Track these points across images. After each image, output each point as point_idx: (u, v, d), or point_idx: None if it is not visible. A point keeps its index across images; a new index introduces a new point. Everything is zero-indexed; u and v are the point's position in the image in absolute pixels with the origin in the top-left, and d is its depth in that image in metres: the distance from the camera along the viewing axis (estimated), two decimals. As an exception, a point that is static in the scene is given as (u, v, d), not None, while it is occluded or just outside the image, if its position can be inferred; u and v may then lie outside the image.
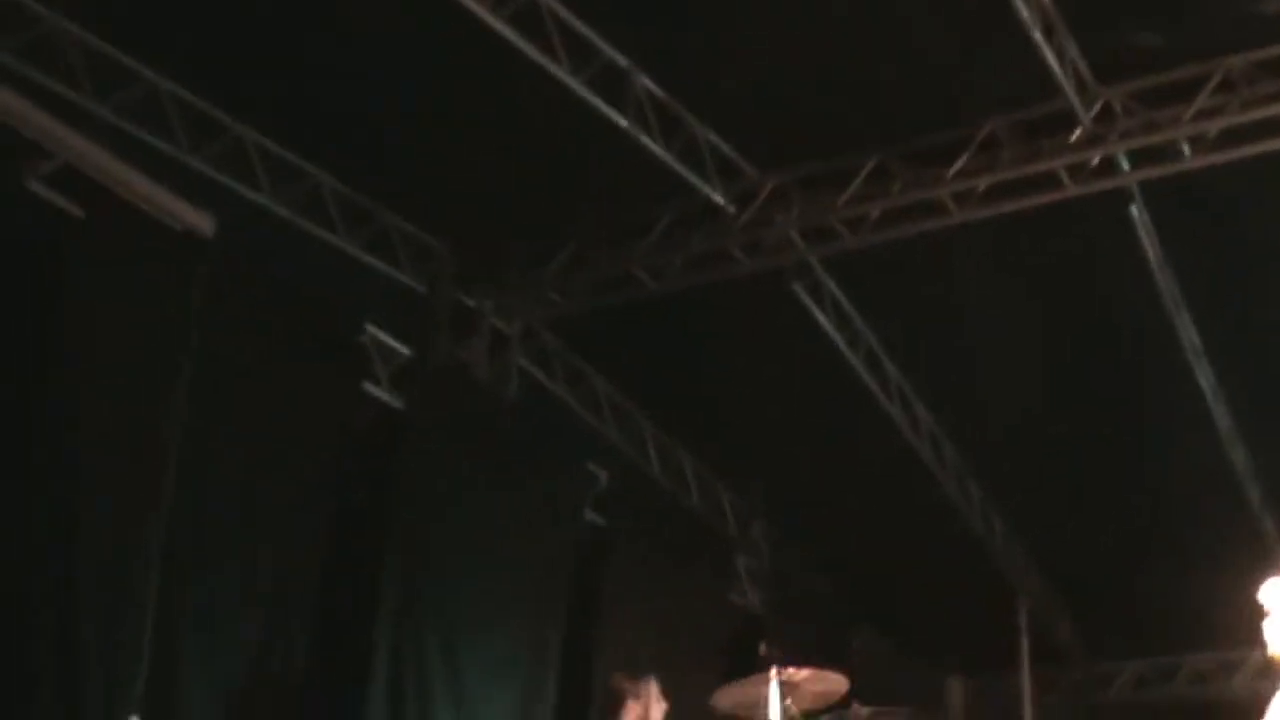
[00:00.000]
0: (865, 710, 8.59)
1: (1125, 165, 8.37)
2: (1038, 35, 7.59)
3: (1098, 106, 8.32)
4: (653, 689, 8.24)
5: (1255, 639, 12.69)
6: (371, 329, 8.83)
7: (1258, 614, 6.64)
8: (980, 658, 14.52)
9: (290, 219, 8.47)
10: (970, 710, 15.38)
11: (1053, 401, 10.53)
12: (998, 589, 12.91)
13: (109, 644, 6.80)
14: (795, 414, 10.74)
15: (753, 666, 7.94)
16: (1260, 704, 11.75)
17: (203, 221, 7.41)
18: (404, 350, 9.03)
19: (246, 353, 7.77)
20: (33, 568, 6.66)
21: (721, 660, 11.01)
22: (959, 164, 8.60)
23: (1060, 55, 7.88)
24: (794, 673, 7.80)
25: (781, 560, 12.71)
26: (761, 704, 7.67)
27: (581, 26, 7.99)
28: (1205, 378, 9.84)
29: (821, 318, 9.73)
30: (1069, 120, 8.32)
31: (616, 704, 8.29)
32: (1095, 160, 8.40)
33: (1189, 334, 9.50)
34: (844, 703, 8.46)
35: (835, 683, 8.06)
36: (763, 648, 7.75)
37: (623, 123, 8.30)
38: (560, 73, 7.91)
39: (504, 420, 9.72)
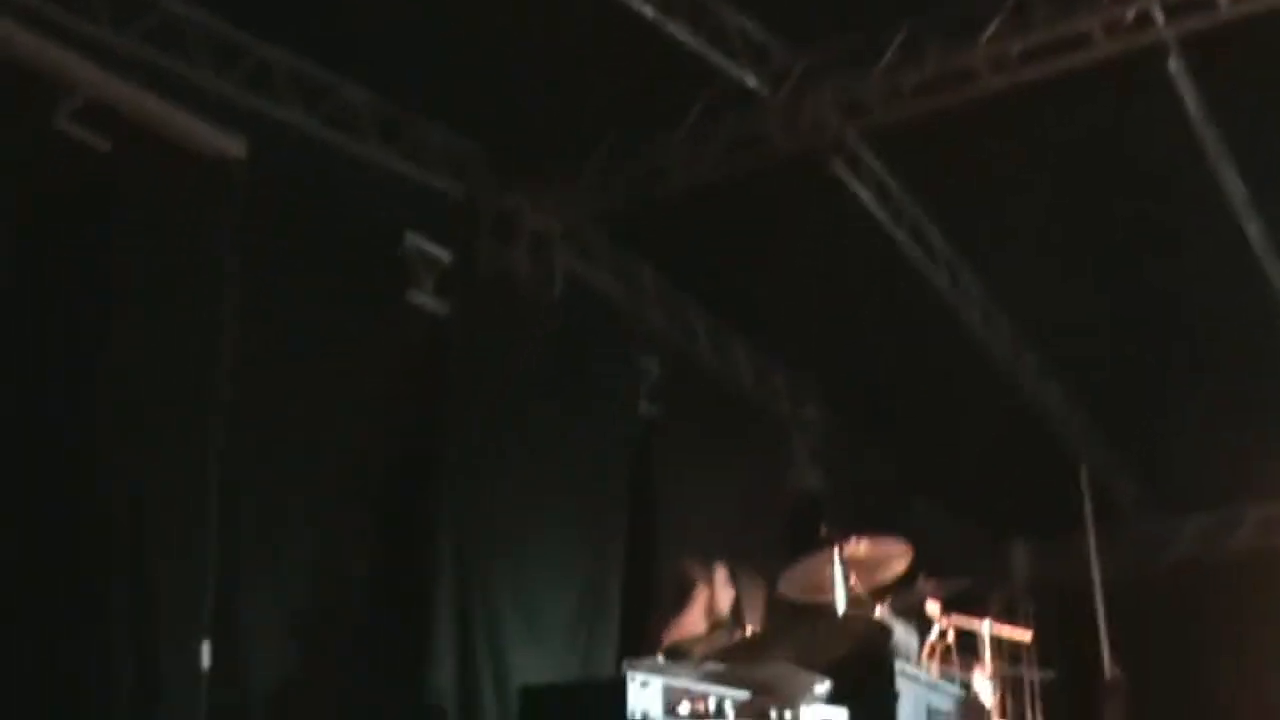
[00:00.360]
0: (930, 583, 8.62)
1: (1161, 19, 8.22)
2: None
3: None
4: (721, 575, 8.27)
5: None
6: (411, 237, 8.79)
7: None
8: (1042, 522, 14.59)
9: (323, 135, 8.40)
10: (1035, 573, 15.44)
11: (1101, 264, 10.42)
12: (1056, 453, 12.94)
13: (176, 570, 6.89)
14: (843, 293, 10.68)
15: (813, 548, 7.95)
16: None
17: (234, 146, 7.37)
18: (445, 257, 8.99)
19: (288, 273, 7.76)
20: (101, 498, 6.75)
21: (782, 545, 11.04)
22: (991, 29, 8.46)
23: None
24: (856, 547, 7.80)
25: (838, 440, 12.72)
26: (826, 585, 7.68)
27: (600, -80, 7.89)
28: (1254, 229, 9.72)
29: (863, 193, 9.65)
30: (1101, -22, 8.19)
31: (685, 591, 8.33)
32: (1130, 15, 8.24)
33: (1235, 187, 9.37)
34: (909, 577, 8.48)
35: (899, 552, 8.06)
36: (823, 528, 7.75)
37: (649, 13, 8.20)
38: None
39: (551, 320, 9.70)
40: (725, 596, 8.20)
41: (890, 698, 6.50)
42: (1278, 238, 9.98)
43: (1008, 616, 14.58)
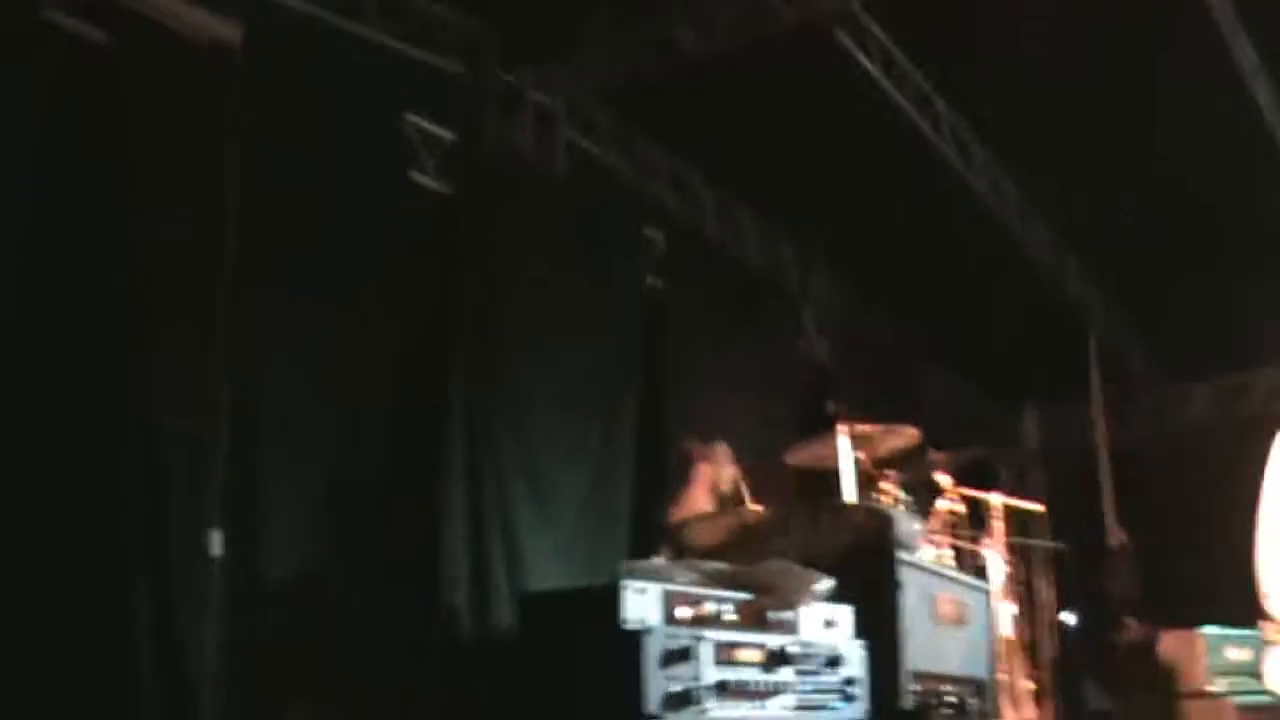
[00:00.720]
0: (940, 455, 8.64)
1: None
2: None
3: None
4: (722, 453, 8.30)
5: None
6: (413, 118, 8.71)
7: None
8: (1054, 387, 14.63)
9: (320, 15, 8.28)
10: (1046, 438, 15.50)
11: (1109, 130, 10.30)
12: (1066, 319, 12.95)
13: (189, 458, 6.88)
14: (850, 163, 10.57)
15: (822, 425, 7.97)
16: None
17: (230, 31, 7.27)
18: (448, 136, 8.92)
19: (290, 158, 7.63)
20: (112, 387, 6.74)
21: (793, 416, 11.07)
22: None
23: None
24: (864, 428, 7.83)
25: (847, 310, 12.71)
26: (833, 457, 7.71)
27: None
28: (1264, 98, 9.62)
29: (867, 63, 9.55)
30: None
31: (687, 468, 8.38)
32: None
33: (1245, 54, 9.26)
34: (919, 450, 8.50)
35: (908, 435, 8.09)
36: (830, 405, 7.75)
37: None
38: None
39: (556, 195, 9.64)
40: (727, 474, 8.23)
41: (893, 588, 6.48)
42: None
43: (1018, 482, 14.73)
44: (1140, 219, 11.43)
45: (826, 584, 5.84)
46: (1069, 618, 14.19)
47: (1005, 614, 8.61)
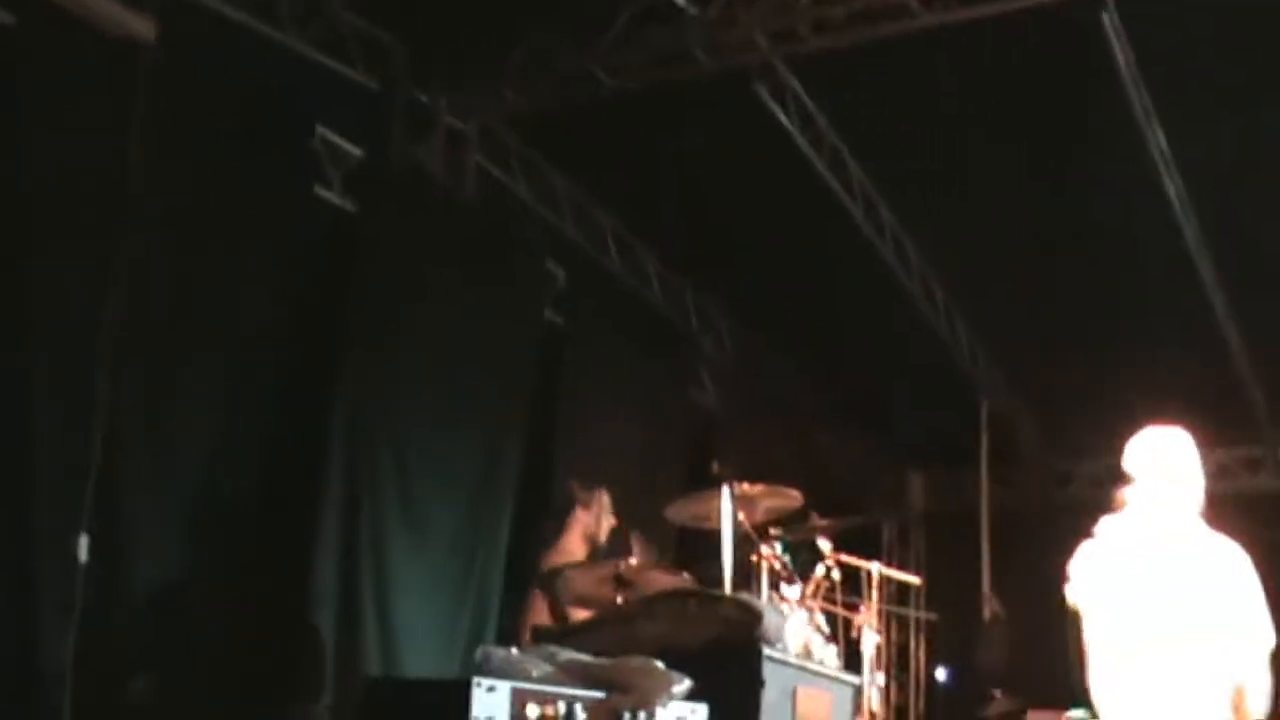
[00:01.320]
0: (822, 521, 8.60)
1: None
2: None
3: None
4: (603, 501, 8.23)
5: (1213, 440, 12.81)
6: (323, 131, 8.58)
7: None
8: (943, 454, 14.70)
9: (237, 19, 8.12)
10: (930, 504, 15.57)
11: (1018, 206, 10.36)
12: (961, 389, 13.00)
13: (58, 462, 6.68)
14: (758, 213, 10.59)
15: (706, 481, 7.91)
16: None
17: (144, 26, 7.10)
18: (356, 152, 8.78)
19: (194, 161, 7.49)
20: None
21: (680, 464, 11.03)
22: (924, -36, 8.35)
23: None
24: (748, 489, 7.77)
25: (743, 359, 12.68)
26: (715, 517, 7.65)
27: None
28: (1174, 187, 9.69)
29: (784, 119, 9.53)
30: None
31: (567, 512, 8.30)
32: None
33: (1158, 142, 9.32)
34: (802, 514, 8.46)
35: (789, 498, 8.05)
36: (715, 466, 7.69)
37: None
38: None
39: (461, 220, 9.51)
40: (605, 523, 8.17)
41: (756, 686, 6.34)
42: (1195, 199, 9.95)
43: (900, 544, 14.78)
44: (1040, 303, 11.52)
45: (684, 686, 5.71)
46: (941, 674, 14.27)
47: (874, 687, 8.56)
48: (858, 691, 7.68)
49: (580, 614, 7.69)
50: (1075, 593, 5.84)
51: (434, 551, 8.73)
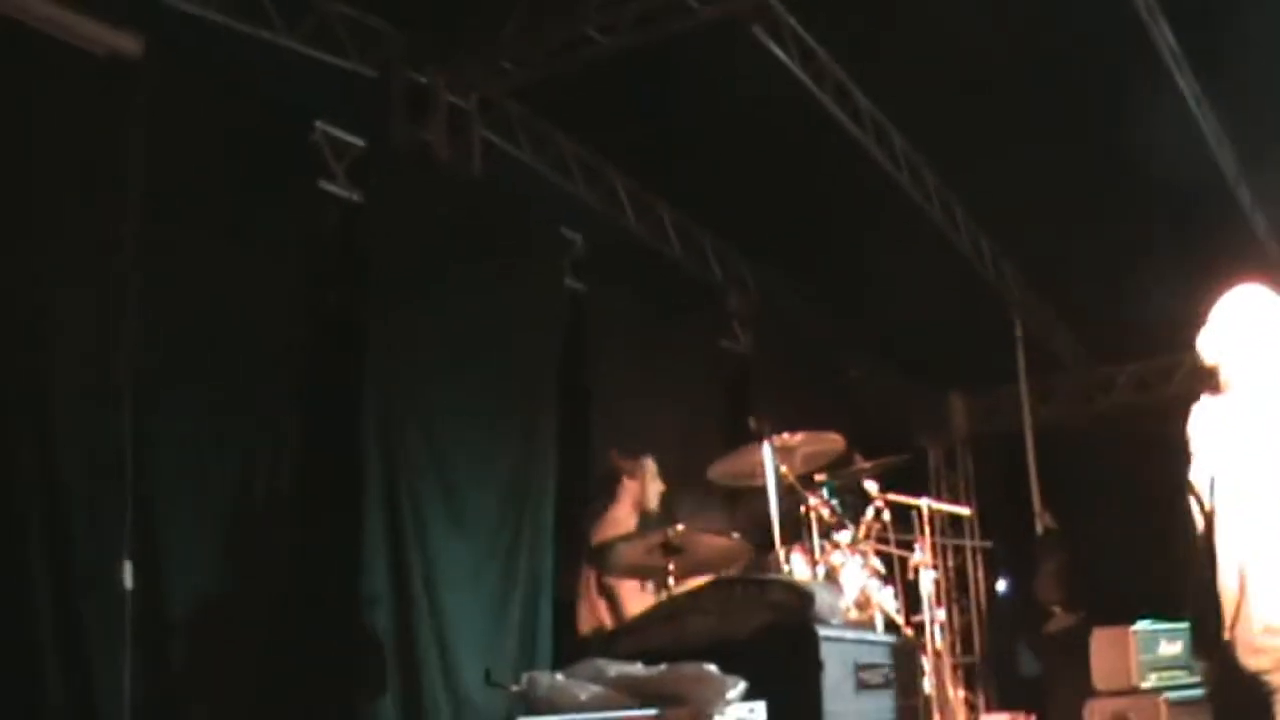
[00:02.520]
0: (866, 463, 8.53)
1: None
2: None
3: None
4: (649, 468, 8.18)
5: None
6: (322, 125, 8.48)
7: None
8: (980, 374, 14.60)
9: (227, 24, 8.04)
10: (973, 424, 15.47)
11: (1030, 117, 10.18)
12: (992, 306, 12.89)
13: (93, 487, 6.66)
14: (770, 156, 10.45)
15: (744, 438, 7.86)
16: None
17: (129, 43, 7.03)
18: (358, 142, 8.68)
19: (195, 170, 7.42)
20: (9, 419, 6.49)
21: (718, 421, 10.93)
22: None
23: None
24: (788, 438, 7.71)
25: (771, 301, 12.59)
26: (758, 473, 7.59)
27: None
28: (1187, 83, 9.54)
29: (784, 57, 9.40)
30: None
31: (613, 483, 8.24)
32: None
33: (1166, 40, 9.18)
34: (845, 457, 8.40)
35: (831, 442, 7.99)
36: (752, 422, 7.62)
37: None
38: None
39: (471, 197, 9.42)
40: (653, 490, 8.10)
41: (814, 670, 6.22)
42: (1211, 94, 9.81)
43: (947, 471, 14.71)
44: (1063, 212, 11.37)
45: (739, 689, 5.61)
46: (1001, 585, 14.24)
47: (935, 625, 8.49)
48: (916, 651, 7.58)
49: (632, 590, 7.65)
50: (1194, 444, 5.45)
51: (479, 537, 8.68)
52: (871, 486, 8.44)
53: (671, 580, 6.90)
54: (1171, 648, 9.72)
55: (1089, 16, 9.12)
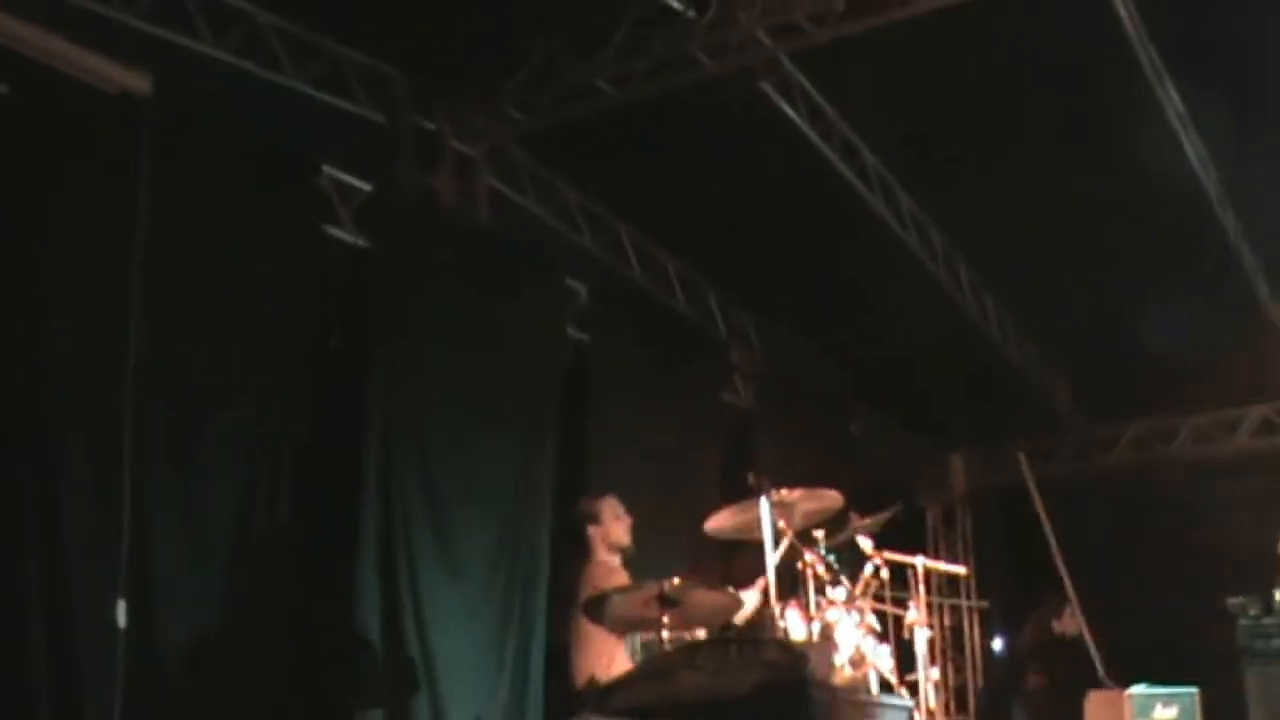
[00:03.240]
0: (862, 519, 8.52)
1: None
2: None
3: None
4: (608, 507, 8.13)
5: (1253, 397, 12.76)
6: (329, 169, 8.50)
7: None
8: (982, 432, 14.61)
9: (234, 64, 8.10)
10: (972, 481, 15.46)
11: (1033, 172, 10.23)
12: (994, 365, 12.90)
13: (89, 525, 6.65)
14: (776, 212, 10.54)
15: (743, 492, 7.85)
16: (1263, 458, 11.72)
17: (138, 81, 7.07)
18: (365, 187, 8.70)
19: (201, 210, 7.43)
20: (7, 451, 6.48)
21: (718, 473, 10.92)
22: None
23: None
24: (786, 494, 7.71)
25: (774, 358, 12.60)
26: (755, 528, 7.59)
27: None
28: (1190, 144, 9.61)
29: (793, 114, 9.46)
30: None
31: (581, 530, 8.20)
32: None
33: (1173, 104, 9.24)
34: (841, 513, 8.39)
35: (830, 499, 7.99)
36: (751, 478, 7.63)
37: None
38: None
39: (476, 245, 9.45)
40: (620, 527, 8.08)
41: None
42: (1213, 148, 9.85)
43: (945, 529, 14.69)
44: (1065, 268, 11.42)
45: None
46: (997, 643, 14.20)
47: (929, 684, 8.47)
48: (910, 714, 7.53)
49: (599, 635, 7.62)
50: None
51: (473, 581, 8.66)
52: (865, 544, 8.42)
53: (665, 634, 6.87)
54: (1167, 712, 9.71)
55: (1092, 78, 9.19)
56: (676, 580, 6.84)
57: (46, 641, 6.40)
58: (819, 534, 8.13)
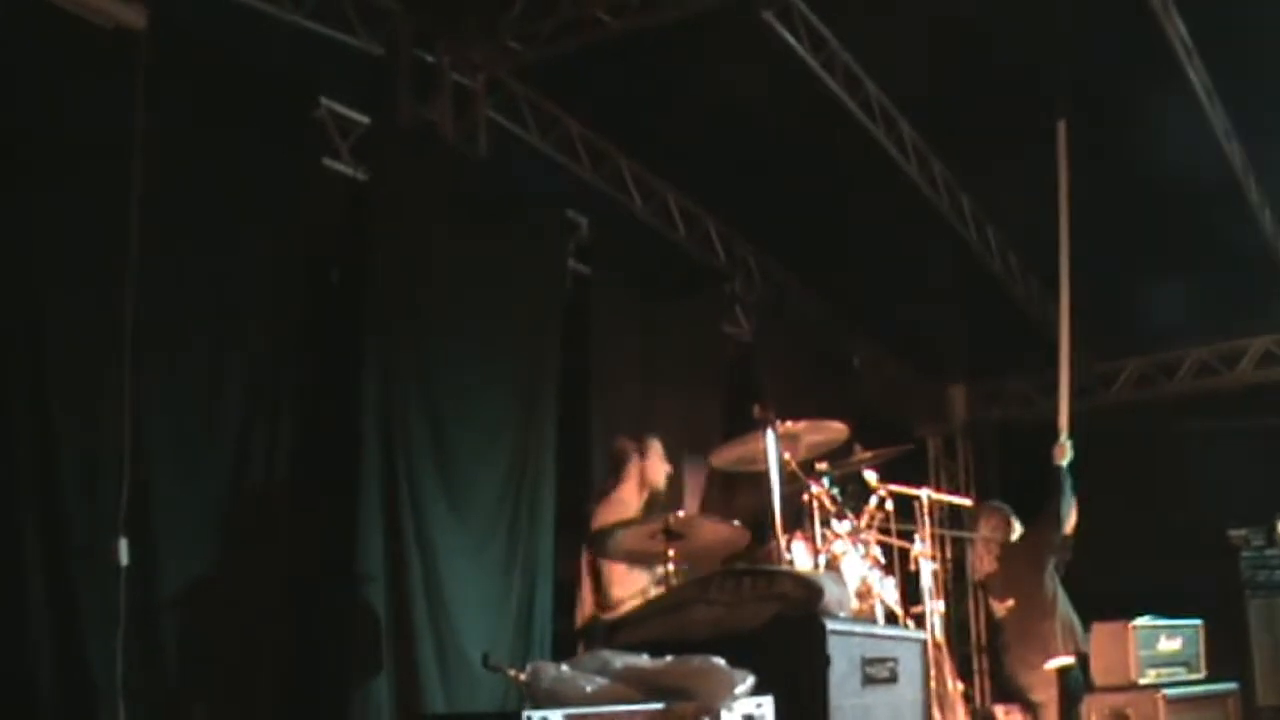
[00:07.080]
0: (866, 452, 8.49)
1: None
2: None
3: None
4: (656, 448, 8.14)
5: (1254, 329, 12.71)
6: (327, 102, 8.42)
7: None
8: (982, 365, 14.57)
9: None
10: (973, 414, 15.43)
11: (1038, 104, 10.13)
12: (995, 298, 12.84)
13: (87, 466, 6.60)
14: (777, 140, 10.42)
15: (748, 425, 7.81)
16: (1265, 390, 11.68)
17: (134, 15, 6.96)
18: (364, 120, 8.62)
19: (198, 144, 7.35)
20: (5, 395, 6.43)
21: (720, 406, 10.89)
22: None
23: None
24: (791, 426, 7.68)
25: (775, 286, 12.55)
26: (760, 459, 7.54)
27: None
28: (1198, 76, 9.50)
29: (794, 41, 9.34)
30: None
31: (619, 464, 8.20)
32: None
33: (1179, 31, 9.14)
34: (846, 445, 8.36)
35: (835, 431, 7.96)
36: (757, 409, 7.58)
37: None
38: None
39: (476, 177, 9.37)
40: (659, 471, 8.06)
41: (822, 663, 6.12)
42: (1221, 88, 9.78)
43: (946, 460, 14.67)
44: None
45: (748, 684, 5.54)
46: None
47: (936, 615, 8.47)
48: (925, 647, 7.49)
49: (627, 576, 7.60)
50: None
51: (478, 516, 8.63)
52: (870, 476, 8.40)
53: (671, 566, 6.84)
54: (1171, 644, 9.71)
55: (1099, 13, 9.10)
56: (682, 513, 6.82)
57: (47, 580, 6.36)
58: (823, 466, 8.11)
